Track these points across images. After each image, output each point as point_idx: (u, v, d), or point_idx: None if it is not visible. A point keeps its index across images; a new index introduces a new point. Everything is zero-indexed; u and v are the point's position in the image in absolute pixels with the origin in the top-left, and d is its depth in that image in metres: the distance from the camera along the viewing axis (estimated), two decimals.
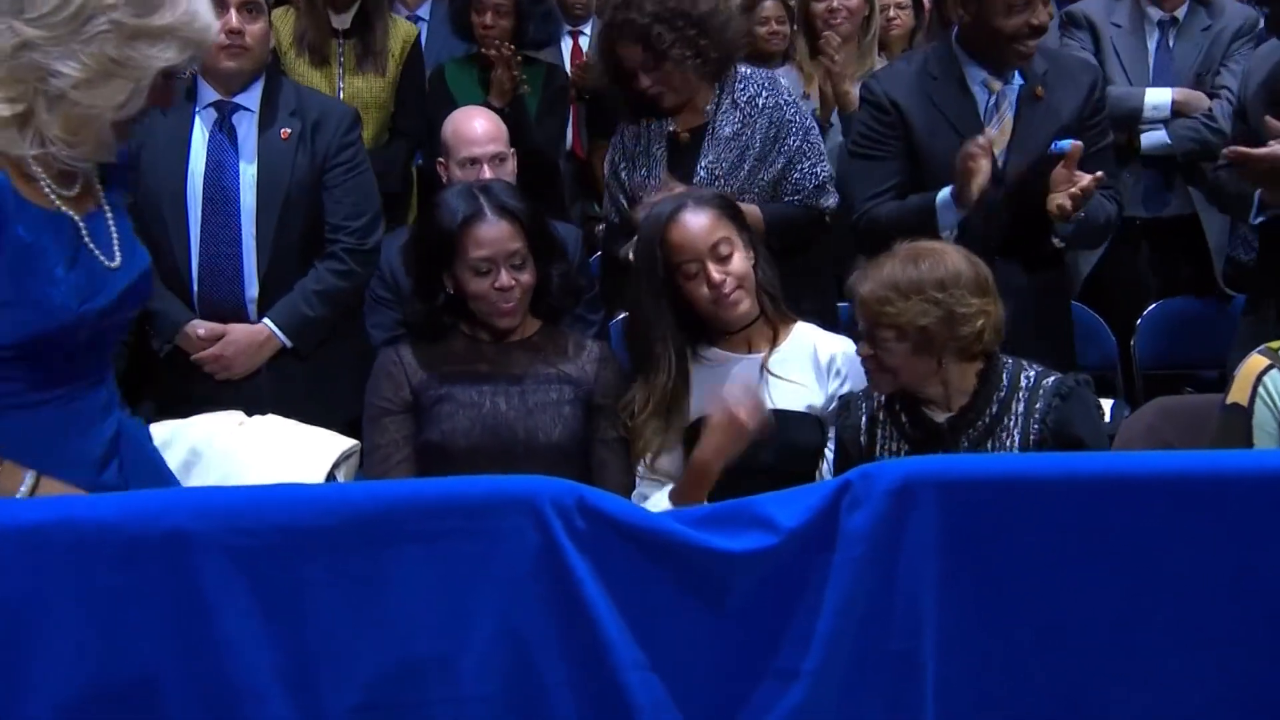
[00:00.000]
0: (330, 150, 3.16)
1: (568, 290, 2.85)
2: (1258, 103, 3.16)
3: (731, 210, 2.71)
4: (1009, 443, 2.41)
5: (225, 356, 3.10)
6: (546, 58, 4.60)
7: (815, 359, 2.68)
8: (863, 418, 2.55)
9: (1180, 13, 4.02)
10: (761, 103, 3.21)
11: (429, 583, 1.75)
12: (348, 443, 2.62)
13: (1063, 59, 3.32)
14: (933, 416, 2.46)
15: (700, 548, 1.76)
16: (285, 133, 3.11)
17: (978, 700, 1.83)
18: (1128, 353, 3.78)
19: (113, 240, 2.05)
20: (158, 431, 2.47)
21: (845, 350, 2.68)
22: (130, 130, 2.01)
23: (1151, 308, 3.86)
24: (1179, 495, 1.80)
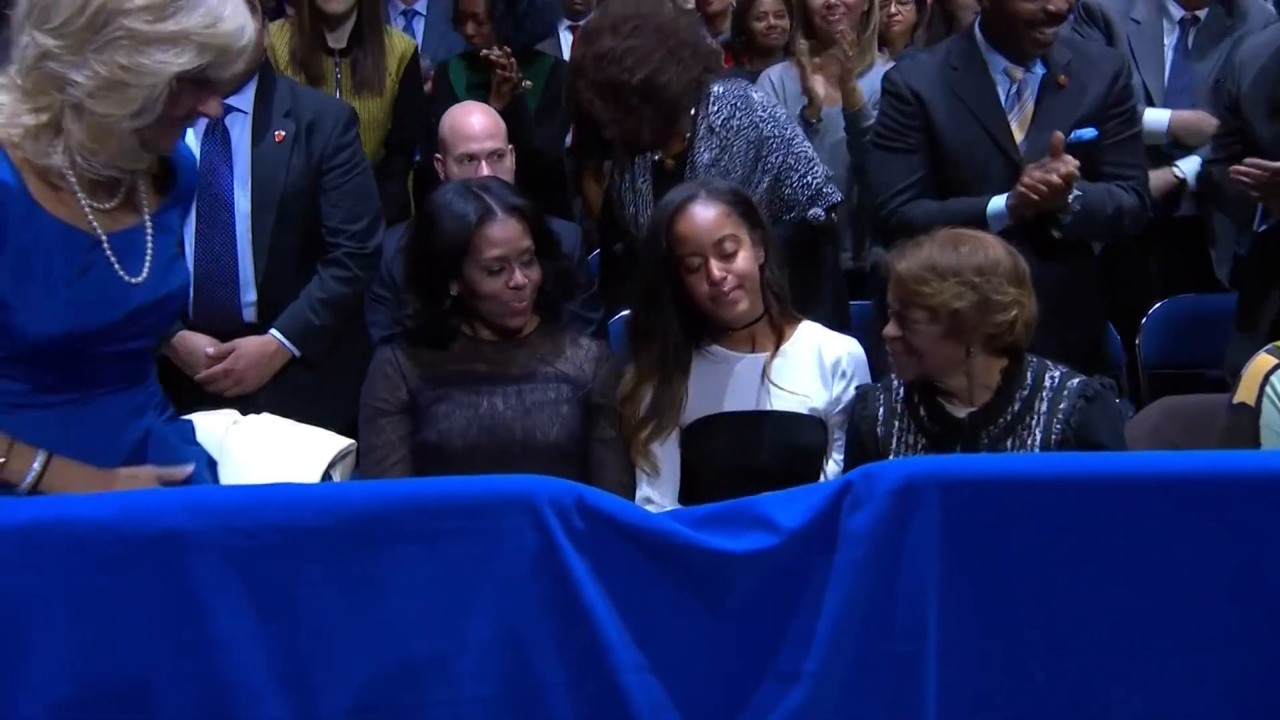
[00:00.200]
0: (327, 151, 3.11)
1: (566, 286, 2.84)
2: (1253, 99, 3.13)
3: (744, 206, 2.66)
4: (1030, 442, 2.39)
5: (236, 370, 3.06)
6: (548, 49, 4.57)
7: (820, 360, 2.66)
8: (880, 409, 2.53)
9: (1203, 13, 3.80)
10: (736, 124, 3.14)
11: (427, 583, 1.74)
12: (344, 442, 2.60)
13: (1087, 48, 3.30)
14: (953, 411, 2.44)
15: (700, 548, 1.75)
16: (279, 135, 3.07)
17: (978, 701, 1.83)
18: (1133, 352, 3.76)
19: (145, 256, 2.03)
20: None
21: (850, 351, 2.67)
22: (165, 139, 1.99)
23: (1157, 306, 3.83)
24: (1180, 496, 1.80)
